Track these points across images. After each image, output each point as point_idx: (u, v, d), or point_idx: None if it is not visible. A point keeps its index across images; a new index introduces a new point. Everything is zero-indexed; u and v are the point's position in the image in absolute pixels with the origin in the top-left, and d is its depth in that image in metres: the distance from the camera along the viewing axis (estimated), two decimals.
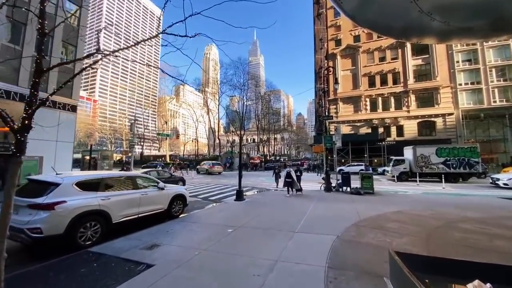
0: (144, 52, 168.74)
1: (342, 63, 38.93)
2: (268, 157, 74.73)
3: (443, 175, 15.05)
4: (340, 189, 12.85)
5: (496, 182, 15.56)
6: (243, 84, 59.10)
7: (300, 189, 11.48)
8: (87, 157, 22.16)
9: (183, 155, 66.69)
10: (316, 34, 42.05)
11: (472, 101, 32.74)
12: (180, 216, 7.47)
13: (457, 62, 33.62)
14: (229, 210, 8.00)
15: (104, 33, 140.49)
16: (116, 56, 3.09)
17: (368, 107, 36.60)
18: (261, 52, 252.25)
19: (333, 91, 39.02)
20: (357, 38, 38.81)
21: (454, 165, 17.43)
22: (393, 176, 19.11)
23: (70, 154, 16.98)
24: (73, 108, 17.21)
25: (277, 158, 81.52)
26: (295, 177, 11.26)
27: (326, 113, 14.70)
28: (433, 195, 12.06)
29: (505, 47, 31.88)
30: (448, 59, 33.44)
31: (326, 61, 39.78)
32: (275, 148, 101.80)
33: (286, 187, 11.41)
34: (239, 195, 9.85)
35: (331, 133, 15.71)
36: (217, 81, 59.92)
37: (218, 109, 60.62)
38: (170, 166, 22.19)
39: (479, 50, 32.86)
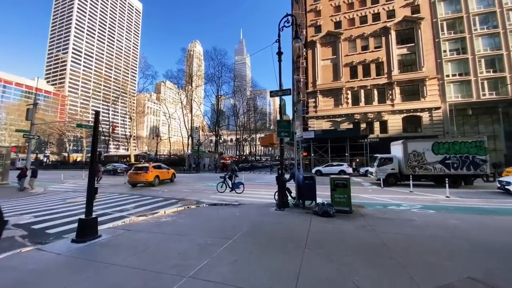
0: (122, 46, 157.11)
1: (322, 52, 34.93)
2: (249, 157, 69.89)
3: (446, 179, 10.87)
4: (301, 204, 8.23)
5: (506, 187, 11.85)
6: (219, 76, 53.91)
7: None
8: None
9: (156, 155, 59.97)
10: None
11: (460, 94, 29.79)
12: None
13: (444, 51, 30.58)
14: None
15: (76, 24, 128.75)
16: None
17: (350, 101, 32.79)
18: (248, 52, 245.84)
19: (312, 82, 34.98)
20: (338, 25, 34.98)
21: (455, 165, 13.47)
22: (378, 179, 14.90)
23: None
24: None
25: (257, 158, 77.05)
26: None
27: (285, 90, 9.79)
28: (446, 211, 7.73)
29: (495, 35, 29.19)
30: (434, 48, 30.33)
31: (304, 49, 35.56)
32: (259, 148, 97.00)
33: None
34: (84, 231, 4.81)
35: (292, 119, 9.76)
36: (190, 75, 54.07)
37: (191, 104, 54.78)
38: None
39: (468, 38, 30.01)
